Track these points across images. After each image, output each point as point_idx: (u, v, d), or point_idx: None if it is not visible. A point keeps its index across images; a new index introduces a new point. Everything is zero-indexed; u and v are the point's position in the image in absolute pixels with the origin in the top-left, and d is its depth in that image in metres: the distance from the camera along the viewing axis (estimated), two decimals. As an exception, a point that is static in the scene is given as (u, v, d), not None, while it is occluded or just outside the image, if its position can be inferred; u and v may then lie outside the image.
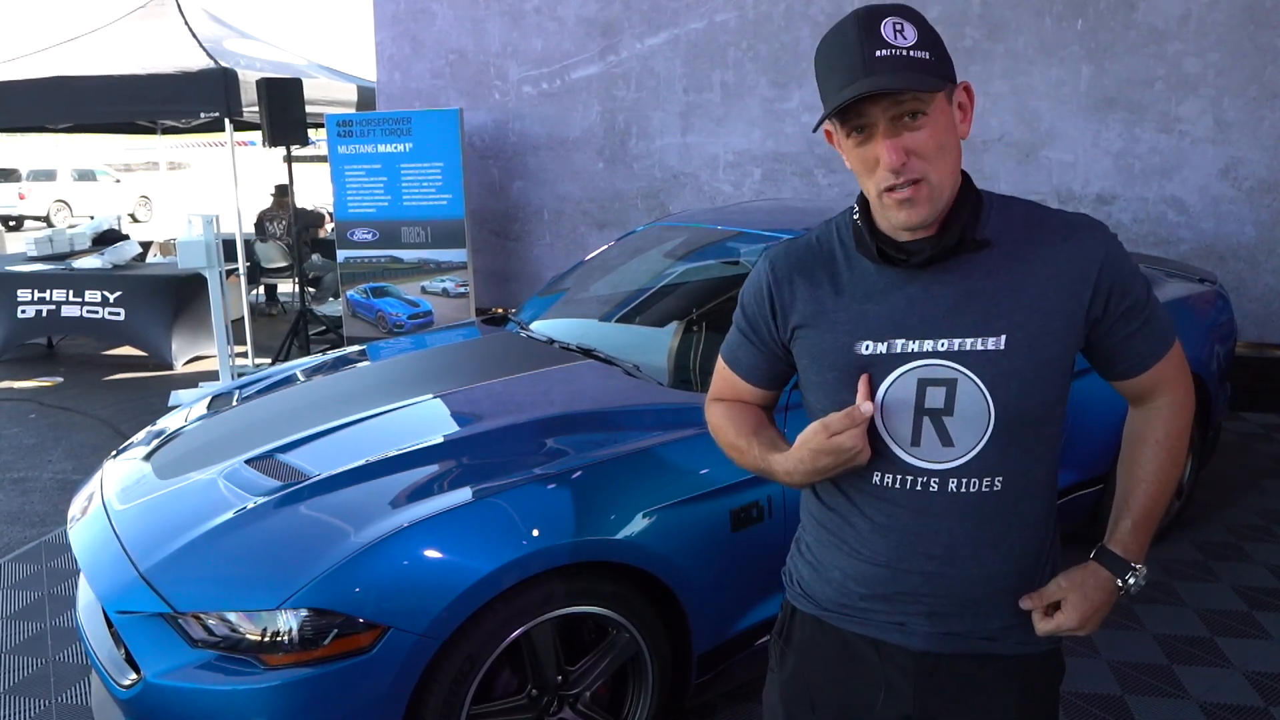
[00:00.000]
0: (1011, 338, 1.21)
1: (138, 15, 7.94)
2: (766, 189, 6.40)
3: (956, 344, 1.22)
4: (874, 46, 1.13)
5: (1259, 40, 5.23)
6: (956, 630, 1.31)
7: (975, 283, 1.24)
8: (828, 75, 1.18)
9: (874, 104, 1.15)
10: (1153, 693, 2.80)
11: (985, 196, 1.29)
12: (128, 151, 34.63)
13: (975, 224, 1.25)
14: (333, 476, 2.35)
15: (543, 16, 6.71)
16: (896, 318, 1.25)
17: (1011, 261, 1.24)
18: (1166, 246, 5.55)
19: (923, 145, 1.17)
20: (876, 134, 1.17)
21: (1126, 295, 1.26)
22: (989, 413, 1.22)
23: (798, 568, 1.45)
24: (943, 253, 1.22)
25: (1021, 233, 1.26)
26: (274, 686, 1.94)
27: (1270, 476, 4.48)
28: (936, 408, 1.23)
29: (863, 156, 1.20)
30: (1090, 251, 1.24)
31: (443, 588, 2.03)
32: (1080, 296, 1.23)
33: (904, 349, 1.24)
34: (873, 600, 1.33)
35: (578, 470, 2.31)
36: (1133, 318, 1.27)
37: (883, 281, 1.27)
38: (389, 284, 6.56)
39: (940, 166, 1.19)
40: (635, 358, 3.00)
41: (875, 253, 1.26)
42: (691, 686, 2.44)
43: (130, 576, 2.16)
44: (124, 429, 5.61)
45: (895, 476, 1.27)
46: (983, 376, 1.22)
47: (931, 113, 1.17)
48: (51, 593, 3.58)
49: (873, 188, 1.21)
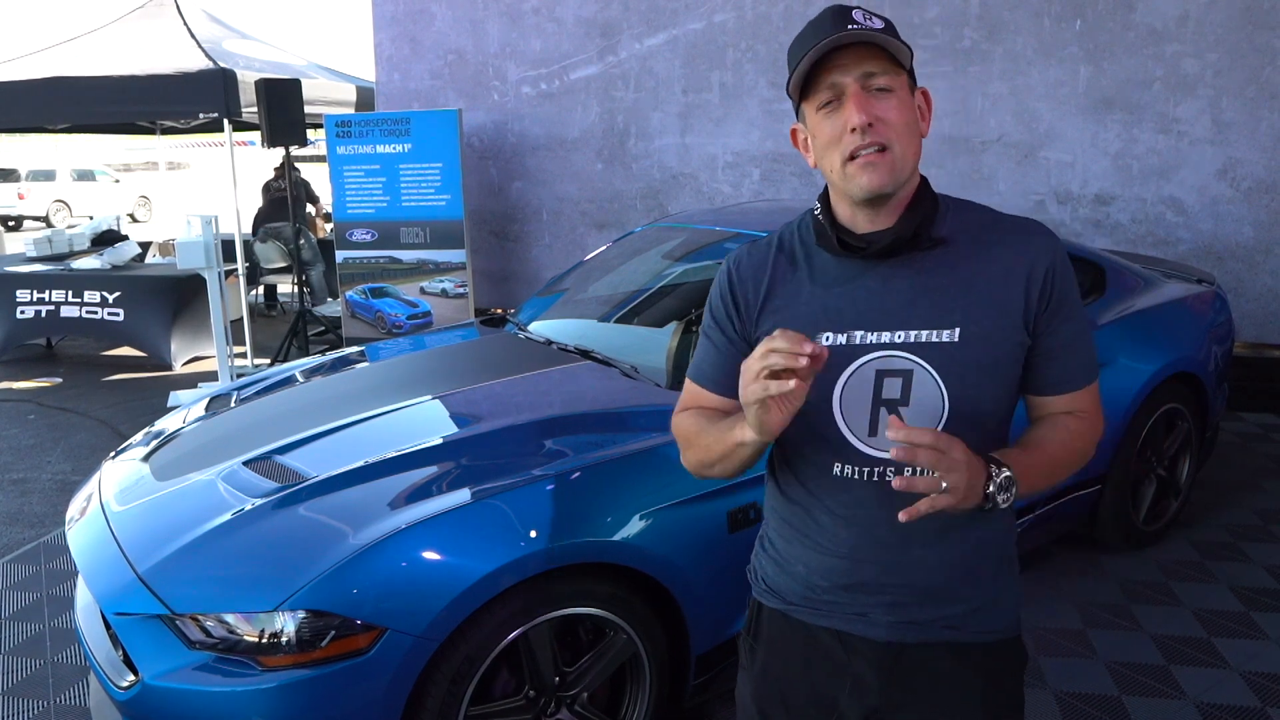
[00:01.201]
0: (965, 330, 1.26)
1: (136, 16, 7.94)
2: (765, 189, 6.40)
3: (913, 335, 1.27)
4: (844, 24, 1.21)
5: (1257, 41, 5.23)
6: (917, 619, 1.34)
7: (931, 278, 1.28)
8: (799, 50, 1.25)
9: (845, 69, 1.22)
10: (1150, 693, 2.80)
11: (941, 199, 1.33)
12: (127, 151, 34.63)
13: (932, 222, 1.30)
14: (331, 478, 2.36)
15: (541, 17, 6.72)
16: (856, 309, 1.29)
17: (965, 259, 1.29)
18: (1165, 247, 5.56)
19: (890, 115, 1.22)
20: (846, 99, 1.22)
21: (1065, 302, 1.31)
22: (943, 403, 1.26)
23: (762, 564, 1.48)
24: (900, 243, 1.27)
25: (975, 233, 1.31)
26: (271, 688, 1.94)
27: (1268, 477, 4.48)
28: (893, 398, 1.27)
29: (829, 127, 1.24)
30: (1040, 255, 1.29)
31: (440, 589, 2.03)
32: (1029, 295, 1.28)
33: (863, 340, 1.28)
34: (835, 592, 1.36)
35: (575, 472, 2.32)
36: (1068, 323, 1.31)
37: (843, 274, 1.31)
38: (388, 285, 6.56)
39: (904, 141, 1.24)
40: (633, 359, 3.00)
41: (836, 243, 1.30)
42: (689, 687, 2.45)
43: (128, 578, 2.16)
44: (123, 430, 5.61)
45: (854, 468, 1.30)
46: (937, 367, 1.26)
47: (898, 91, 1.24)
48: (50, 594, 3.58)
49: (838, 158, 1.24)
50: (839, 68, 1.22)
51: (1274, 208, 5.36)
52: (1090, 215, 5.73)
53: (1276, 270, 5.43)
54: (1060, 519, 3.39)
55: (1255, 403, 5.44)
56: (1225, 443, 4.83)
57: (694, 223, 3.77)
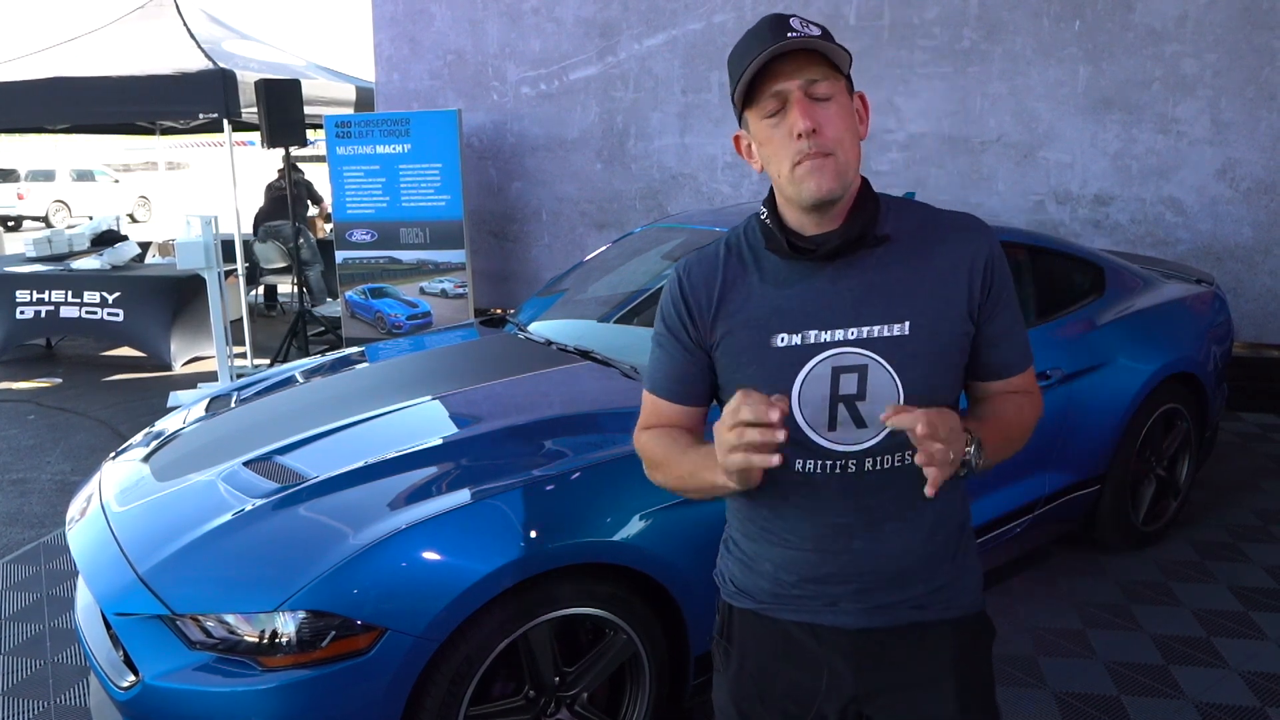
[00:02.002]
0: (914, 323, 1.31)
1: (136, 16, 7.94)
2: (764, 189, 6.36)
3: (865, 331, 1.31)
4: (783, 32, 1.24)
5: (1256, 41, 5.23)
6: (884, 602, 1.38)
7: (878, 275, 1.33)
8: (741, 61, 1.27)
9: (788, 77, 1.25)
10: (1149, 693, 2.81)
11: (881, 198, 1.38)
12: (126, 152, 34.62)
13: (875, 221, 1.34)
14: (331, 478, 2.36)
15: (541, 17, 6.72)
16: (809, 310, 1.33)
17: (910, 255, 1.34)
18: (1164, 247, 5.56)
19: (832, 121, 1.26)
20: (790, 106, 1.26)
21: (1003, 291, 1.38)
22: (898, 394, 1.30)
23: (728, 566, 1.50)
24: (848, 244, 1.31)
25: (917, 230, 1.36)
26: (272, 688, 1.94)
27: (1268, 477, 4.48)
28: (850, 393, 1.31)
29: (775, 135, 1.27)
30: (980, 249, 1.36)
31: (440, 589, 2.03)
32: (972, 287, 1.34)
33: (817, 339, 1.32)
34: (803, 585, 1.39)
35: (575, 472, 2.32)
36: (1006, 310, 1.38)
37: (793, 276, 1.35)
38: (387, 285, 6.57)
39: (846, 148, 1.28)
40: (633, 359, 3.00)
41: (786, 246, 1.33)
42: (689, 687, 2.45)
43: (128, 578, 2.16)
44: (123, 430, 5.61)
45: (815, 462, 1.33)
46: (891, 360, 1.30)
47: (837, 96, 1.28)
48: (50, 594, 3.58)
49: (786, 164, 1.27)
50: (782, 75, 1.25)
51: (1273, 208, 5.37)
52: (1089, 215, 5.73)
53: (1275, 270, 5.44)
54: (1059, 519, 3.40)
55: (1254, 403, 5.44)
56: (1224, 443, 4.84)
57: (693, 223, 3.77)
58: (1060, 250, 3.55)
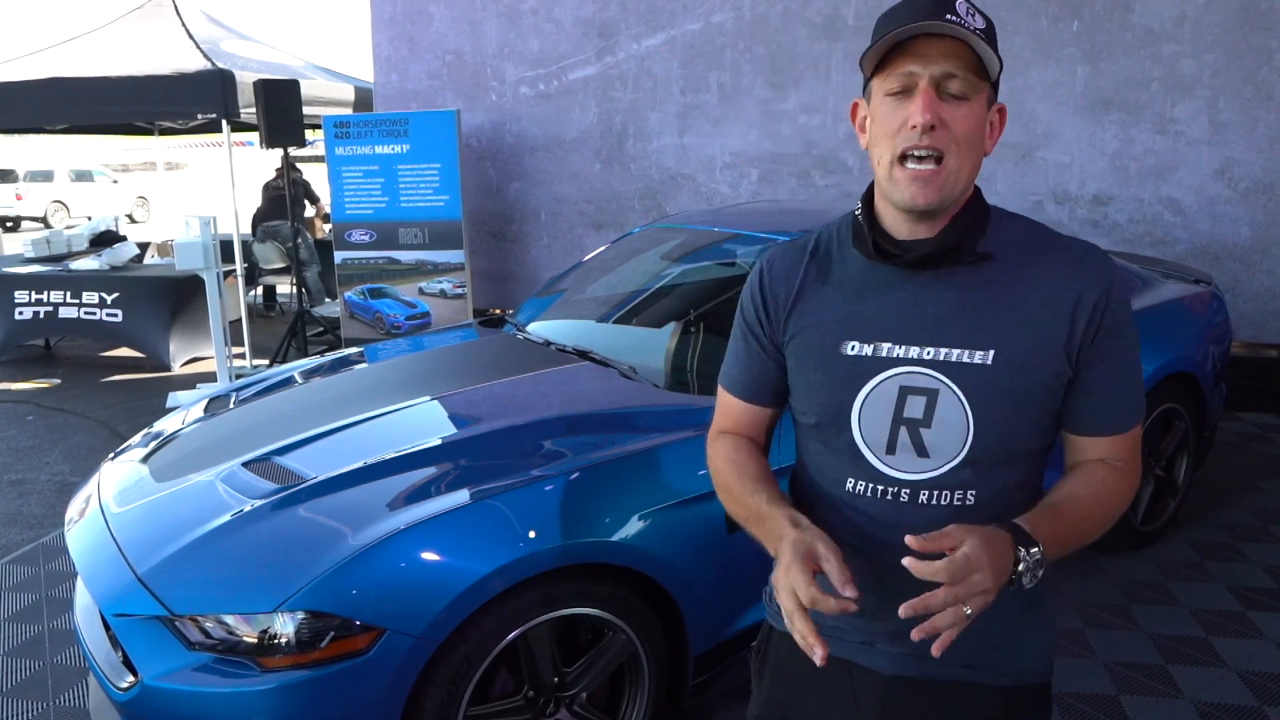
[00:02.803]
0: (999, 354, 1.17)
1: (134, 16, 7.94)
2: (764, 190, 6.41)
3: (942, 353, 1.19)
4: (946, 10, 1.11)
5: (1254, 42, 5.24)
6: (924, 651, 1.20)
7: (969, 294, 1.20)
8: (887, 23, 1.15)
9: (927, 62, 1.12)
10: (1148, 693, 2.81)
11: (994, 212, 1.25)
12: (125, 152, 34.60)
13: (978, 235, 1.21)
14: (330, 479, 2.36)
15: (539, 18, 6.72)
16: (884, 320, 1.22)
17: (1009, 278, 1.20)
18: (1162, 247, 5.57)
19: (957, 123, 1.14)
20: (916, 94, 1.14)
21: (1114, 335, 1.20)
22: (968, 428, 1.18)
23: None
24: (939, 254, 1.19)
25: (1025, 251, 1.22)
26: (271, 689, 1.94)
27: (1266, 476, 4.49)
28: (915, 418, 1.20)
29: (891, 116, 1.15)
30: (1091, 282, 1.19)
31: (439, 590, 2.03)
32: (1075, 324, 1.18)
33: (889, 353, 1.21)
34: (840, 618, 1.25)
35: (574, 472, 2.32)
36: (1114, 359, 1.21)
37: (875, 281, 1.24)
38: (386, 285, 6.56)
39: (963, 156, 1.15)
40: (632, 359, 3.01)
41: (871, 247, 1.23)
42: (688, 687, 2.45)
43: (127, 579, 2.16)
44: (122, 430, 5.61)
45: (868, 485, 1.24)
46: (965, 390, 1.18)
47: (974, 101, 1.15)
48: (49, 595, 3.58)
49: (890, 153, 1.16)
50: (920, 57, 1.13)
51: (1271, 208, 5.37)
52: (1088, 215, 5.73)
53: (1273, 270, 5.45)
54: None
55: (1253, 402, 5.45)
56: (1223, 442, 4.84)
57: (692, 223, 3.77)
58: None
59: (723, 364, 1.42)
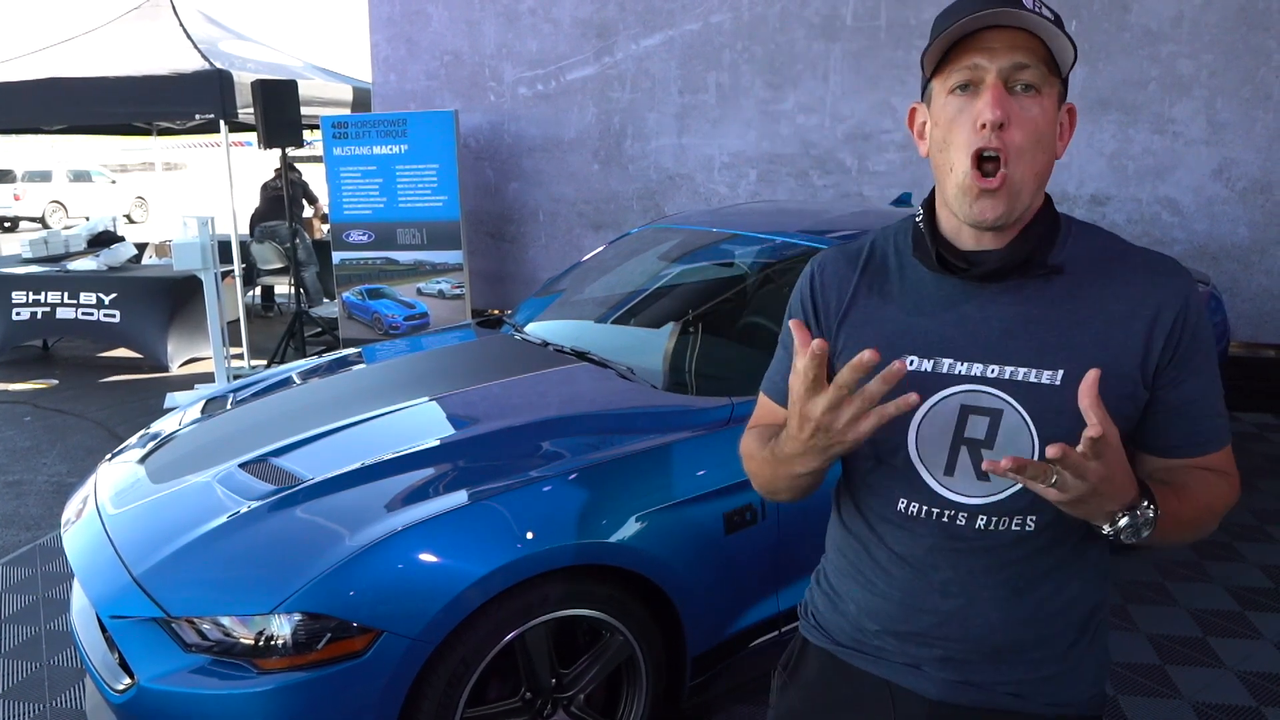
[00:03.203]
0: (1069, 374, 1.09)
1: (132, 16, 7.93)
2: (762, 190, 6.41)
3: (1008, 372, 1.12)
4: (1015, 2, 1.04)
5: (1251, 42, 5.24)
6: (976, 679, 1.20)
7: (1037, 309, 1.13)
8: (950, 14, 1.07)
9: (993, 55, 1.05)
10: (1145, 693, 2.81)
11: (1064, 221, 1.19)
12: (123, 152, 34.60)
13: (1049, 247, 1.14)
14: (327, 480, 2.35)
15: (538, 18, 6.72)
16: (946, 334, 1.15)
17: (1081, 293, 1.13)
18: (1161, 247, 5.50)
19: (1027, 123, 1.06)
20: (984, 88, 1.06)
21: (1195, 354, 1.13)
22: (1033, 451, 1.10)
23: (814, 599, 1.37)
24: (1008, 268, 1.12)
25: (1098, 264, 1.15)
26: (268, 691, 1.94)
27: (1264, 477, 4.49)
28: (976, 438, 1.13)
29: (957, 117, 1.08)
30: (1170, 298, 1.12)
31: (437, 591, 2.03)
32: (1151, 343, 1.11)
33: (950, 370, 1.14)
34: (885, 637, 1.23)
35: (572, 473, 2.32)
36: (1196, 378, 1.14)
37: (937, 293, 1.17)
38: (385, 285, 6.56)
39: (1031, 161, 1.08)
40: (630, 360, 3.00)
41: (935, 259, 1.16)
42: (686, 689, 2.45)
43: (124, 581, 2.16)
44: (119, 431, 5.60)
45: (922, 506, 1.17)
46: (1031, 411, 1.10)
47: (1045, 94, 1.07)
48: (46, 596, 3.58)
49: (958, 158, 1.08)
50: (987, 50, 1.05)
51: (1269, 208, 5.38)
52: (1086, 215, 5.73)
53: (1271, 270, 5.45)
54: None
55: (1251, 402, 5.45)
56: (1221, 442, 4.84)
57: (691, 224, 3.77)
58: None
59: (767, 370, 1.35)
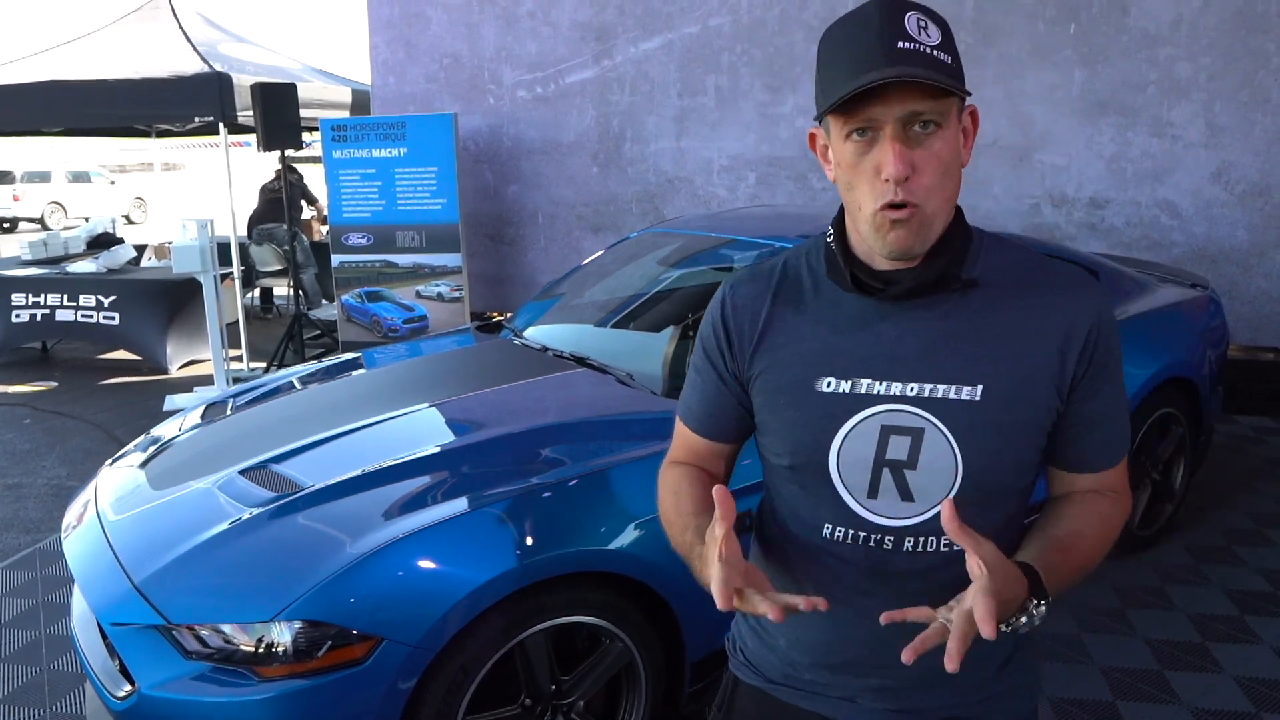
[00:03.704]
0: (989, 389, 1.10)
1: (132, 19, 7.93)
2: (761, 193, 6.41)
3: (928, 389, 1.10)
4: (896, 37, 1.01)
5: (1250, 45, 5.25)
6: (912, 707, 1.19)
7: (955, 324, 1.12)
8: (836, 61, 1.05)
9: (887, 104, 1.02)
10: (1144, 698, 2.81)
11: (977, 234, 1.17)
12: (122, 153, 34.56)
13: (962, 262, 1.13)
14: (327, 487, 2.36)
15: (537, 21, 6.72)
16: (864, 354, 1.13)
17: (997, 306, 1.12)
18: (1159, 250, 5.57)
19: (930, 163, 1.04)
20: (882, 138, 1.04)
21: (1107, 368, 1.14)
22: (956, 469, 1.10)
23: (741, 634, 1.33)
24: (923, 287, 1.10)
25: (1012, 277, 1.15)
26: (268, 698, 1.95)
27: (1263, 479, 4.50)
28: (899, 459, 1.11)
29: (859, 163, 1.06)
30: (1083, 313, 1.12)
31: (436, 599, 2.04)
32: (1066, 356, 1.11)
33: (869, 390, 1.12)
34: (818, 670, 1.20)
35: (571, 480, 2.32)
36: (1106, 391, 1.15)
37: (853, 313, 1.15)
38: (383, 288, 6.56)
39: (940, 193, 1.07)
40: (629, 366, 3.01)
41: (849, 280, 1.13)
42: (685, 694, 2.46)
43: (124, 588, 2.16)
44: (119, 434, 5.60)
45: (847, 531, 1.15)
46: (953, 428, 1.10)
47: (945, 126, 1.05)
48: (46, 600, 3.58)
49: (867, 202, 1.06)
50: (879, 101, 1.02)
51: (1267, 211, 5.38)
52: (1085, 219, 5.74)
53: (1270, 273, 5.45)
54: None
55: (1249, 405, 5.45)
56: (1219, 445, 4.84)
57: (690, 229, 3.77)
58: (1055, 257, 3.55)
59: (681, 394, 1.33)
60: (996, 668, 1.20)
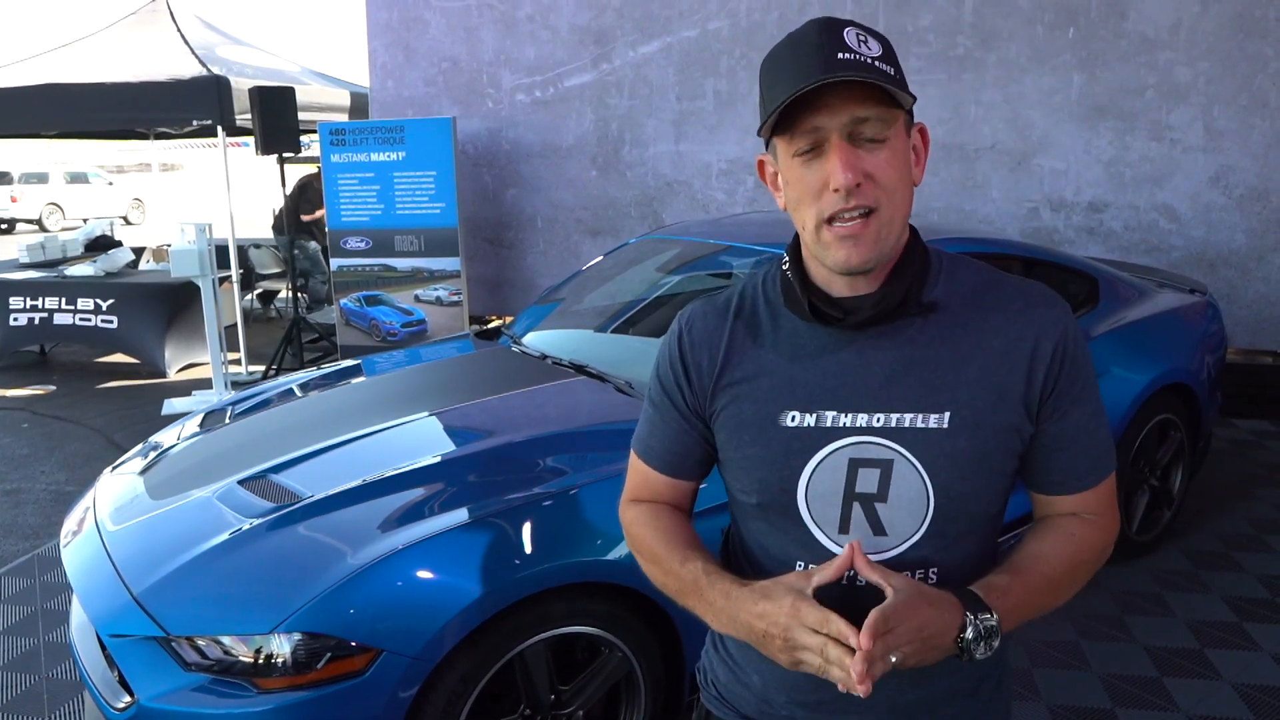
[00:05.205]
0: (956, 415, 1.07)
1: (130, 22, 7.93)
2: (759, 197, 6.42)
3: (894, 419, 1.08)
4: (836, 49, 0.99)
5: (1248, 49, 5.25)
6: None
7: (918, 351, 1.09)
8: (776, 80, 1.03)
9: (832, 112, 1.00)
10: (1143, 705, 2.81)
11: (934, 255, 1.14)
12: (120, 153, 34.54)
13: (922, 284, 1.10)
14: (326, 498, 2.36)
15: (535, 25, 6.72)
16: (827, 386, 1.10)
17: (959, 329, 1.10)
18: (1158, 254, 5.58)
19: (881, 170, 1.01)
20: (828, 149, 1.01)
21: (1076, 384, 1.11)
22: (928, 500, 1.07)
23: (713, 667, 1.30)
24: (884, 314, 1.08)
25: (972, 298, 1.12)
26: (268, 710, 1.94)
27: (1261, 484, 4.50)
28: (869, 492, 1.08)
29: (806, 178, 1.03)
30: (1047, 328, 1.09)
31: (436, 610, 2.04)
32: (1033, 375, 1.09)
33: (834, 422, 1.09)
34: (794, 709, 1.17)
35: (570, 490, 2.32)
36: (1078, 408, 1.11)
37: (813, 344, 1.12)
38: (382, 292, 6.56)
39: (894, 203, 1.04)
40: (628, 373, 3.01)
41: (807, 309, 1.10)
42: (684, 703, 2.46)
43: (123, 599, 2.16)
44: (118, 439, 5.60)
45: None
46: (922, 458, 1.07)
47: (892, 138, 1.03)
48: (45, 607, 3.57)
49: (813, 217, 1.04)
50: (823, 109, 1.00)
51: (1266, 215, 5.39)
52: (1083, 223, 5.75)
53: (1269, 277, 5.46)
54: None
55: (1248, 409, 5.46)
56: (1218, 449, 4.85)
57: (689, 235, 3.78)
58: (1054, 262, 3.56)
59: (637, 431, 1.28)
60: (965, 697, 1.18)
